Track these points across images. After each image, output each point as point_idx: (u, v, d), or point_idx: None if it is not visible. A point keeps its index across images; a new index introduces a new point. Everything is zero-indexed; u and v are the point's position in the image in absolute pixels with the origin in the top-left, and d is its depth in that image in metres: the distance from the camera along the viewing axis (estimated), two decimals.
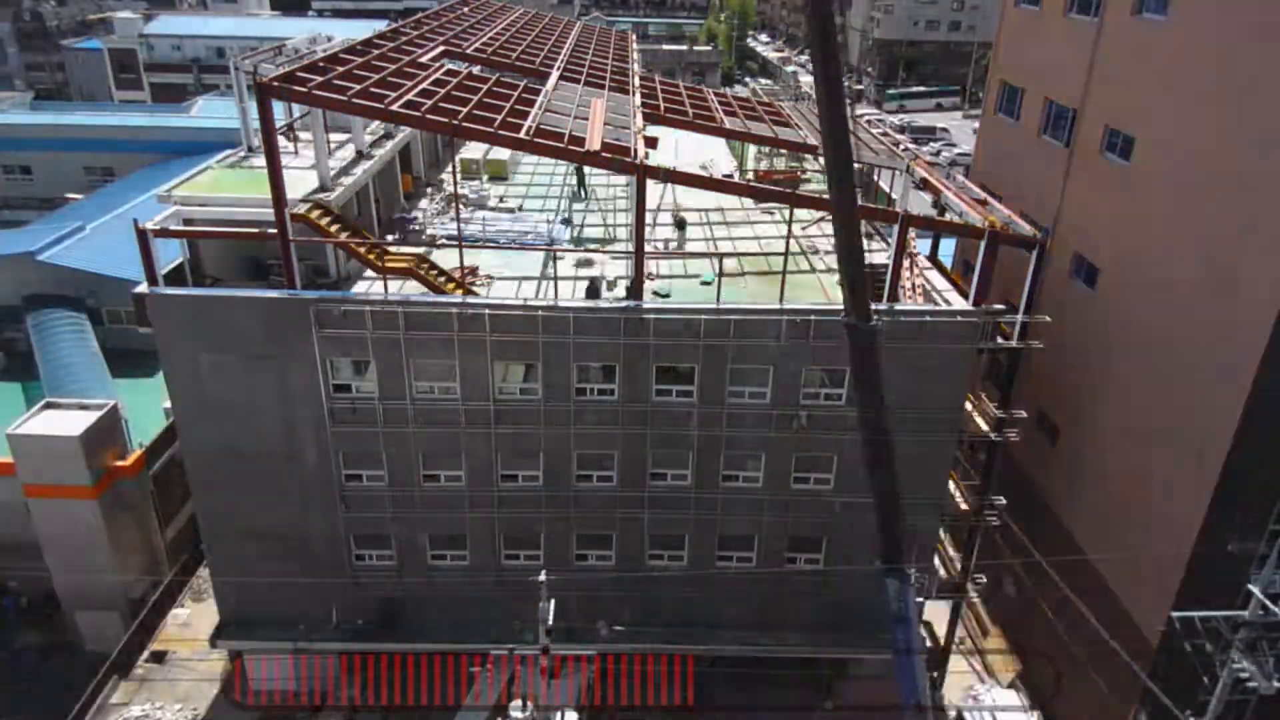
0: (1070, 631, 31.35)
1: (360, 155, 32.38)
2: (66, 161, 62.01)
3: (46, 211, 56.98)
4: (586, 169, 35.93)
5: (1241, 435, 23.77)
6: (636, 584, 30.93)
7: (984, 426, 30.32)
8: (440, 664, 32.14)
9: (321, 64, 28.51)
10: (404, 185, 36.98)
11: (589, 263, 30.73)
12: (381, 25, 50.41)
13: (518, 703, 29.10)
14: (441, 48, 35.56)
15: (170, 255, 28.20)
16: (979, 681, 34.19)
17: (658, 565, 31.03)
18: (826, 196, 27.76)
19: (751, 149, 41.02)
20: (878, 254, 31.59)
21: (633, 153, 26.48)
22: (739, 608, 31.63)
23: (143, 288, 26.42)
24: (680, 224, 33.89)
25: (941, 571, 33.31)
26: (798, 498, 29.68)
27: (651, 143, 29.13)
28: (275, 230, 25.96)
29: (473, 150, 42.11)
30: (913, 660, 25.34)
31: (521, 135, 26.38)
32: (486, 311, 26.61)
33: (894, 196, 34.15)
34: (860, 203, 27.43)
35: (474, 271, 29.49)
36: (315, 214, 27.10)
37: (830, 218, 24.86)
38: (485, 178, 39.43)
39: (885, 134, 38.62)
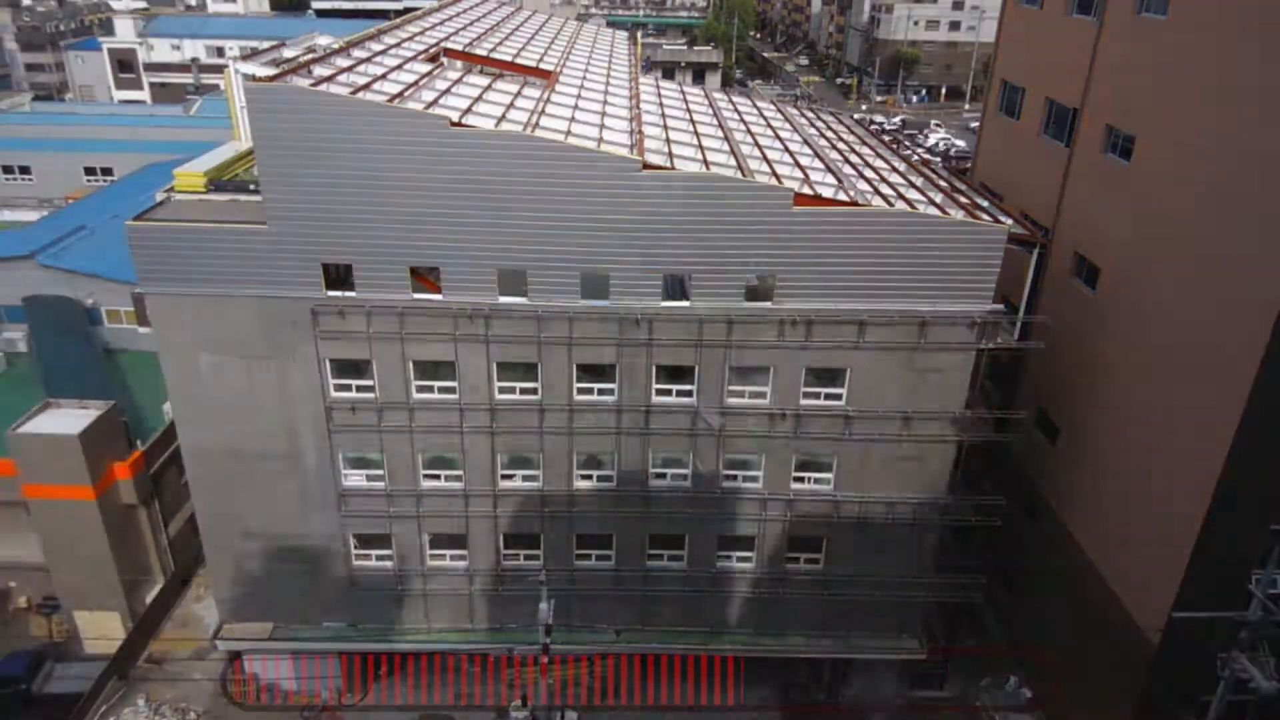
0: (1070, 631, 31.33)
1: None
2: (66, 161, 61.99)
3: (46, 211, 56.87)
4: None
5: (1242, 435, 23.75)
6: (636, 584, 30.94)
7: None
8: (440, 664, 32.20)
9: (319, 63, 28.44)
10: None
11: None
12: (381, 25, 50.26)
13: (518, 702, 29.17)
14: (440, 47, 35.50)
15: None
16: (980, 681, 34.16)
17: (657, 565, 31.04)
18: (830, 195, 27.87)
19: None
20: None
21: (632, 149, 26.42)
22: (739, 608, 31.60)
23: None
24: None
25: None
26: (798, 498, 29.67)
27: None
28: None
29: None
30: None
31: (522, 132, 26.29)
32: (486, 311, 26.62)
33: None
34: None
35: None
36: None
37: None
38: None
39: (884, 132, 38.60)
